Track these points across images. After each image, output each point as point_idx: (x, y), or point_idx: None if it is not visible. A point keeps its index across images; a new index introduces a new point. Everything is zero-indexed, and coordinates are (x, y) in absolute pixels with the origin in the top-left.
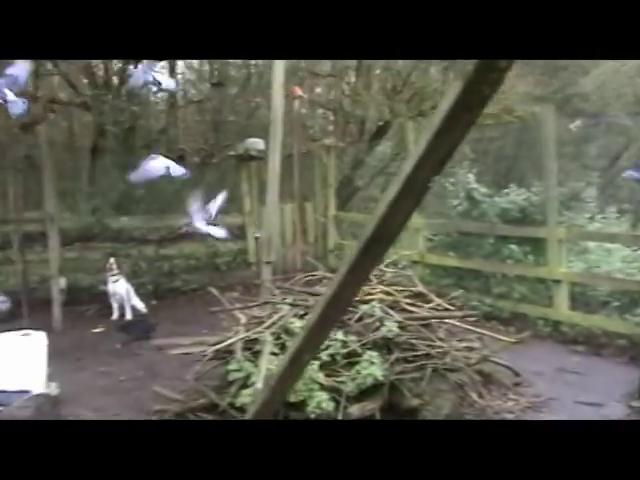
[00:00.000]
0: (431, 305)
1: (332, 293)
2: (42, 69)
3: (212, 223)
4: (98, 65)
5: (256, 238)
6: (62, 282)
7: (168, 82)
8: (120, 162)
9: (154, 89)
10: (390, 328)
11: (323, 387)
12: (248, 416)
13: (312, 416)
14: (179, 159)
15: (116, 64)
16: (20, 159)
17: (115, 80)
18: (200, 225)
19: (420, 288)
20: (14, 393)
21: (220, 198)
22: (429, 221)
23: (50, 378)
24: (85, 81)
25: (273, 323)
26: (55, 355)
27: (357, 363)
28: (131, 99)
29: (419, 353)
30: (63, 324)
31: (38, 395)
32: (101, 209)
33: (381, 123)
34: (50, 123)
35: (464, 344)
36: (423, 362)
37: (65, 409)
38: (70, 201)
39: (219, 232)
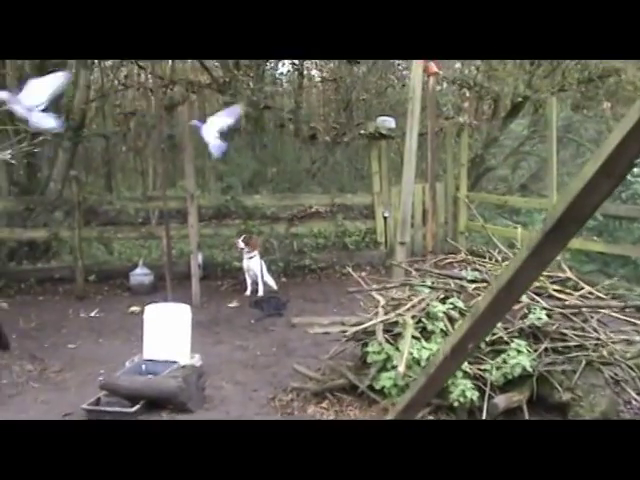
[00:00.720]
0: (581, 293)
1: (508, 278)
2: None
3: None
4: None
5: (385, 218)
6: (200, 257)
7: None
8: (252, 141)
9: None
10: (539, 316)
11: (466, 374)
12: (402, 401)
13: (455, 404)
14: (311, 138)
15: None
16: (164, 139)
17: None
18: None
19: (569, 274)
20: (160, 363)
21: None
22: None
23: (192, 350)
24: (216, 64)
25: (413, 306)
26: (196, 328)
27: (502, 351)
28: (263, 80)
29: (571, 344)
30: (201, 298)
31: (185, 366)
32: (233, 187)
33: (520, 99)
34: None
35: (622, 336)
36: (576, 354)
37: (208, 381)
38: (201, 180)
39: None
